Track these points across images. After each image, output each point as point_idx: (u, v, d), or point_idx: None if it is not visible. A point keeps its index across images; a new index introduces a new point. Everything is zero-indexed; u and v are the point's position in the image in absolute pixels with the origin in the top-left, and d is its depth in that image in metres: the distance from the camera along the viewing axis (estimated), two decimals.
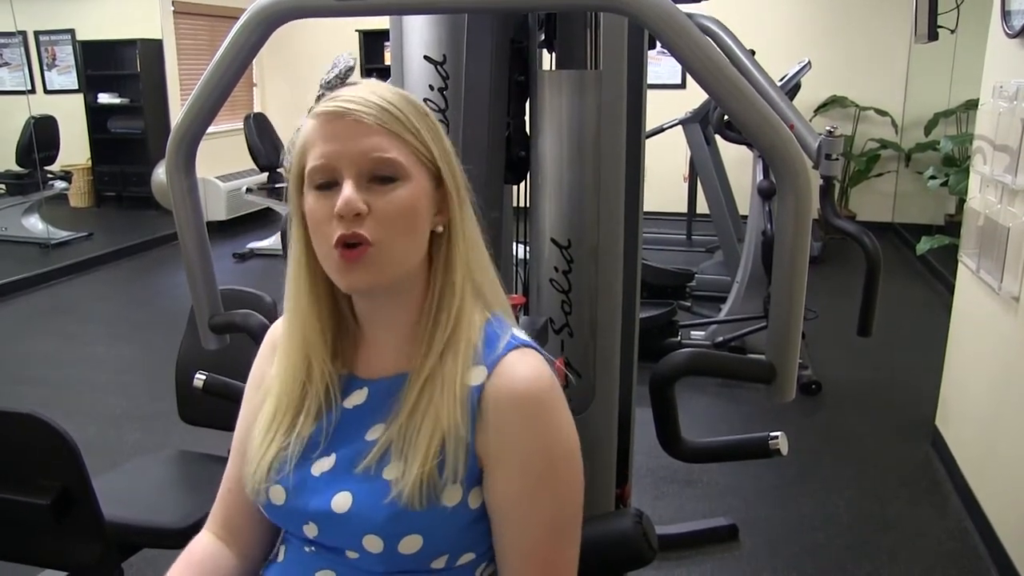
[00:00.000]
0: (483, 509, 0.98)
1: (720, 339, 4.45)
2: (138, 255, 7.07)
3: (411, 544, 0.95)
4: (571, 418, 1.00)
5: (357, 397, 1.03)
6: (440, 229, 1.00)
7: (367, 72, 8.79)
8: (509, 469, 0.96)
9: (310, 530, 1.00)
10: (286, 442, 1.01)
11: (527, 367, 0.98)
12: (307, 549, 1.03)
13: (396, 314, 1.01)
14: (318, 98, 1.01)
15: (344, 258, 0.93)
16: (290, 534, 1.06)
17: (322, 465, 1.00)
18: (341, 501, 0.97)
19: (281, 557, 1.08)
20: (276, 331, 1.14)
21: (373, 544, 0.95)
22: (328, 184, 0.94)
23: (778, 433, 1.38)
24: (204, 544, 1.13)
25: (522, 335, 1.03)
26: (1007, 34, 2.86)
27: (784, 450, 1.37)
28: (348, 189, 0.92)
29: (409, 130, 0.95)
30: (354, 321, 1.05)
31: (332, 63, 3.75)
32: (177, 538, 1.93)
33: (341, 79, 3.69)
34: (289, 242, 1.02)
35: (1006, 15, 2.88)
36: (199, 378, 1.78)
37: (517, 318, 1.41)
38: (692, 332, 4.66)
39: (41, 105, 7.72)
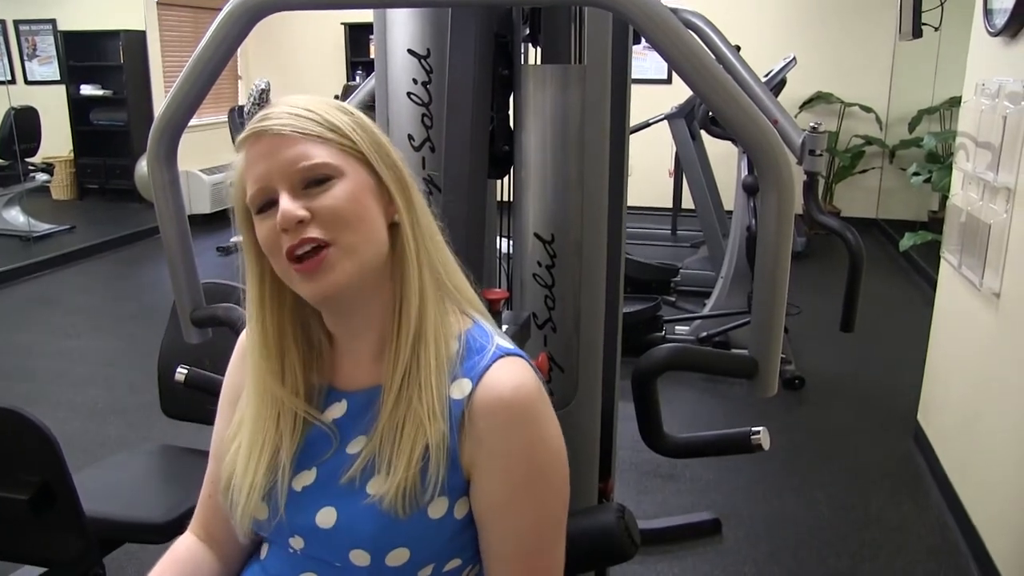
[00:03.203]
0: (469, 518, 0.98)
1: (704, 334, 4.47)
2: (121, 248, 7.02)
3: (398, 557, 0.95)
4: (557, 424, 1.00)
5: (337, 410, 1.02)
6: (396, 219, 0.98)
7: (353, 65, 8.77)
8: (494, 477, 0.96)
9: (296, 543, 1.00)
10: (271, 466, 1.00)
11: (513, 376, 0.97)
12: (291, 551, 1.02)
13: (366, 323, 1.00)
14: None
15: (303, 269, 0.92)
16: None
17: (303, 480, 1.00)
18: (325, 516, 0.96)
19: (264, 555, 1.07)
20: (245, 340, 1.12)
21: (360, 558, 0.95)
22: (268, 205, 0.93)
23: (760, 428, 1.38)
24: (187, 545, 1.13)
25: (507, 343, 1.02)
26: (989, 32, 2.88)
27: (766, 445, 1.37)
28: (284, 201, 0.91)
29: (328, 128, 0.94)
30: (327, 336, 1.04)
31: (248, 92, 3.77)
32: (159, 533, 1.92)
33: (259, 103, 3.64)
34: (245, 276, 1.01)
35: (988, 13, 2.90)
36: (181, 372, 1.77)
37: (500, 312, 1.40)
38: (676, 327, 4.67)
39: (22, 96, 7.63)
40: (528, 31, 1.64)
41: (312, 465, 1.00)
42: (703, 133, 5.32)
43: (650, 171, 7.22)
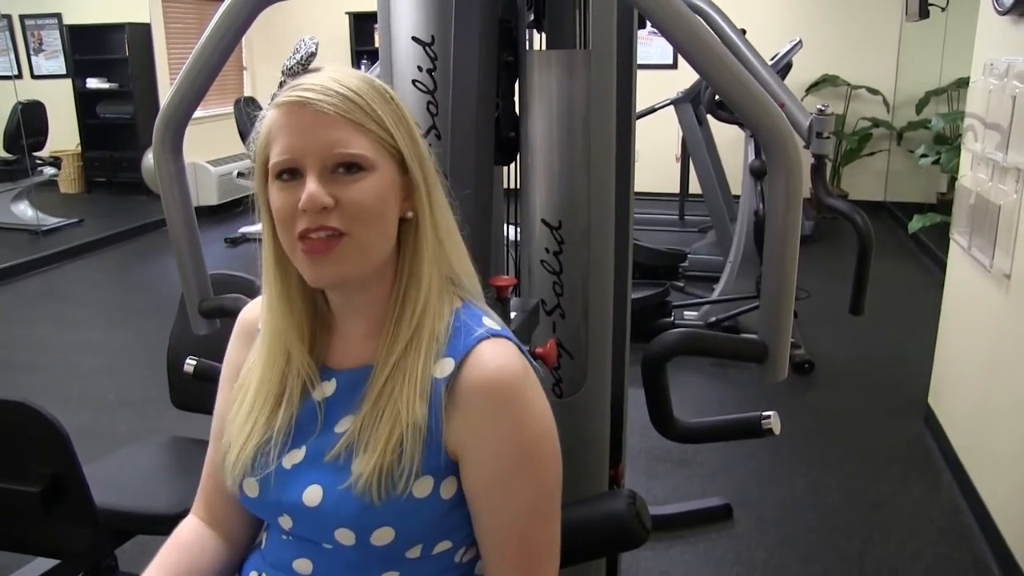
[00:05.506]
0: (458, 498, 0.98)
1: (713, 319, 4.46)
2: (129, 241, 7.04)
3: (383, 536, 0.95)
4: (544, 403, 0.99)
5: (327, 388, 1.02)
6: (409, 215, 0.98)
7: (358, 55, 8.75)
8: (482, 458, 0.95)
9: (285, 521, 1.01)
10: (265, 436, 1.01)
11: (496, 356, 0.97)
12: (284, 537, 1.03)
13: (365, 305, 1.00)
14: (280, 84, 0.98)
15: (311, 251, 0.92)
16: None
17: (293, 457, 1.00)
18: (312, 494, 0.97)
19: (264, 544, 1.08)
20: (247, 316, 1.13)
21: (345, 536, 0.96)
22: (291, 173, 0.93)
23: (770, 413, 1.38)
24: (191, 527, 1.14)
25: (494, 324, 1.01)
26: (997, 11, 2.85)
27: (777, 429, 1.37)
28: (312, 184, 0.91)
29: (372, 119, 0.93)
30: (327, 310, 1.04)
31: (294, 48, 3.66)
32: (170, 524, 1.90)
33: (303, 64, 3.59)
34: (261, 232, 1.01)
35: None
36: (189, 363, 1.77)
37: (508, 300, 1.40)
38: (685, 312, 4.66)
39: (28, 90, 7.65)
40: (532, 16, 1.63)
41: (302, 443, 1.00)
42: (709, 118, 5.30)
43: (657, 156, 7.19)
